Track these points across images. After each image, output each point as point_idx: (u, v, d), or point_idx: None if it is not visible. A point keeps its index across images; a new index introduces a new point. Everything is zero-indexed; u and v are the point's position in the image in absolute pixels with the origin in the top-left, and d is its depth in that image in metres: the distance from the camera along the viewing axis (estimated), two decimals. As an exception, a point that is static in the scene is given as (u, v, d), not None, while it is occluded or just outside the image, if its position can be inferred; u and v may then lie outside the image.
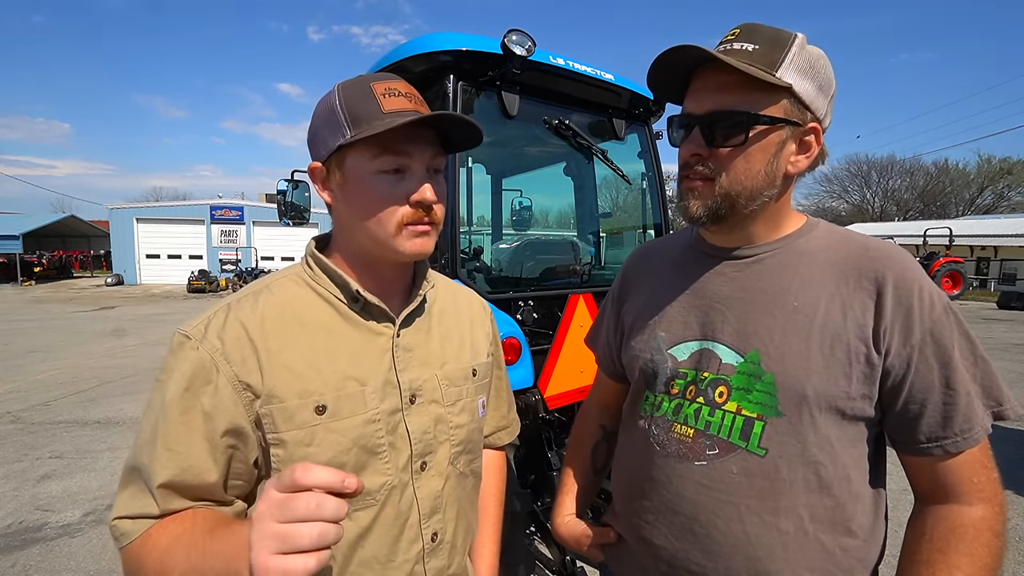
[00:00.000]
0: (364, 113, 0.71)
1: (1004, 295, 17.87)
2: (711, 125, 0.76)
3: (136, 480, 0.67)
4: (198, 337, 0.70)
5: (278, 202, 2.74)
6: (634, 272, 1.04)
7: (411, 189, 0.74)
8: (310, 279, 0.80)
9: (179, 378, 0.68)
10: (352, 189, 0.75)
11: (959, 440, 0.72)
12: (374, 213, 0.74)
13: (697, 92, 0.78)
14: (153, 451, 0.66)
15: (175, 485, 0.66)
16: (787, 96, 0.74)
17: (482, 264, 2.65)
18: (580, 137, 2.56)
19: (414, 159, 0.75)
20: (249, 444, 0.70)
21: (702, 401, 0.82)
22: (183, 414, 0.67)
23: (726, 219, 0.80)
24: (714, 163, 0.78)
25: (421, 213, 0.76)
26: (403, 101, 0.73)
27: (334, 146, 0.73)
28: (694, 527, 0.80)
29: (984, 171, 44.72)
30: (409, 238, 0.76)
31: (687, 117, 0.80)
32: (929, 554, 0.73)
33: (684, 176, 0.82)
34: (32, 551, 3.03)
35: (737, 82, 0.73)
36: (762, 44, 0.74)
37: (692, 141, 0.79)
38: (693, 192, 0.80)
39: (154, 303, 19.16)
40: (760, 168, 0.77)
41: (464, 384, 0.88)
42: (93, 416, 5.53)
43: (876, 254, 0.78)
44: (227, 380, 0.68)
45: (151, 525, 0.66)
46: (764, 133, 0.75)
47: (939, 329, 0.73)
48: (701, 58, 0.75)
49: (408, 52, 2.12)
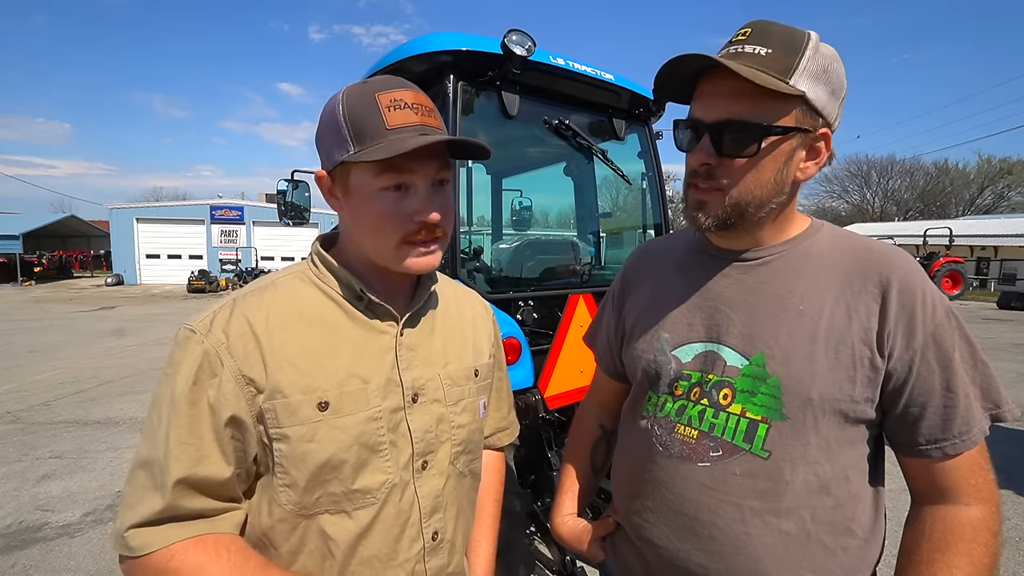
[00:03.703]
0: (367, 128, 0.71)
1: (1004, 295, 17.88)
2: (721, 134, 0.74)
3: (147, 475, 0.66)
4: (203, 331, 0.71)
5: (278, 202, 2.74)
6: (635, 272, 1.04)
7: (415, 207, 0.74)
8: (315, 277, 0.80)
9: (187, 371, 0.68)
10: (356, 203, 0.76)
11: (958, 442, 0.73)
12: (377, 229, 0.75)
13: (707, 97, 0.76)
14: (167, 444, 0.66)
15: (191, 480, 0.66)
16: (800, 104, 0.73)
17: (482, 264, 2.65)
18: (580, 137, 2.56)
19: (418, 175, 0.74)
20: (249, 438, 0.71)
21: (706, 403, 0.82)
22: (192, 407, 0.67)
23: (734, 227, 0.79)
24: (723, 173, 0.76)
25: (426, 233, 0.76)
26: (409, 114, 0.72)
27: (338, 159, 0.73)
28: (696, 528, 0.80)
29: (984, 171, 44.77)
30: (414, 256, 0.77)
31: (696, 123, 0.77)
32: (928, 553, 0.73)
33: (692, 185, 0.80)
34: (32, 551, 3.03)
35: (749, 90, 0.70)
36: (775, 48, 0.72)
37: (701, 150, 0.76)
38: (702, 203, 0.79)
39: (154, 303, 19.15)
40: (770, 177, 0.76)
41: (466, 384, 0.88)
42: (93, 416, 5.53)
43: (880, 257, 0.78)
44: (231, 374, 0.69)
45: (164, 543, 0.64)
46: (776, 144, 0.74)
47: (941, 333, 0.73)
48: (710, 62, 0.73)
49: (408, 52, 2.12)
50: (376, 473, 0.75)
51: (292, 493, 0.72)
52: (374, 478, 0.75)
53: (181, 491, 0.65)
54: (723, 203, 0.77)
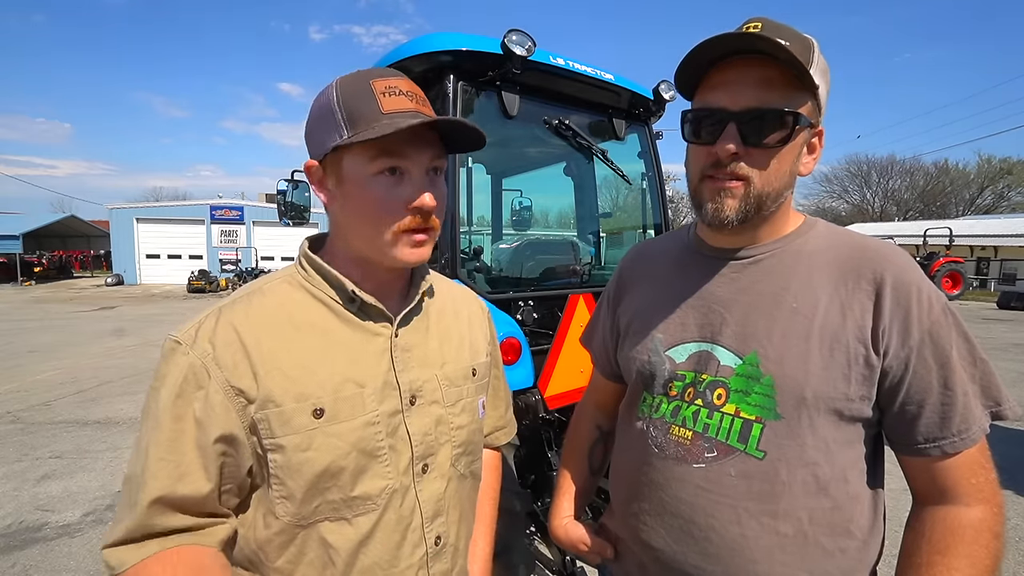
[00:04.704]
0: (362, 113, 0.69)
1: (1004, 295, 17.88)
2: (750, 123, 0.72)
3: (128, 492, 0.65)
4: (188, 342, 0.68)
5: (278, 202, 2.74)
6: (630, 273, 1.03)
7: (409, 194, 0.72)
8: (304, 280, 0.78)
9: (171, 385, 0.66)
10: (349, 191, 0.73)
11: (957, 440, 0.72)
12: (371, 217, 0.73)
13: (730, 85, 0.73)
14: (146, 460, 0.64)
15: (168, 499, 0.63)
16: (811, 98, 0.73)
17: (482, 264, 2.65)
18: (580, 137, 2.56)
19: (413, 161, 0.73)
20: (242, 452, 0.68)
21: (700, 403, 0.81)
22: (175, 421, 0.65)
23: (750, 220, 0.78)
24: (749, 162, 0.74)
25: (419, 220, 0.74)
26: (403, 100, 0.71)
27: (330, 146, 0.71)
28: (692, 530, 0.79)
29: (984, 171, 44.75)
30: (406, 246, 0.74)
31: (720, 112, 0.74)
32: (928, 556, 0.73)
33: (714, 176, 0.76)
34: (32, 551, 3.03)
35: (780, 77, 0.69)
36: (792, 41, 0.71)
37: (728, 138, 0.73)
38: (728, 192, 0.76)
39: (154, 303, 19.14)
40: (787, 168, 0.76)
41: (464, 384, 0.87)
42: (93, 416, 5.53)
43: (874, 254, 0.77)
44: (219, 386, 0.67)
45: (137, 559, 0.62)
46: (798, 133, 0.74)
47: (937, 330, 0.72)
48: (735, 48, 0.70)
49: (408, 52, 2.12)
50: (376, 479, 0.74)
51: (290, 504, 0.70)
52: (374, 484, 0.74)
53: (156, 510, 0.63)
54: (748, 193, 0.75)
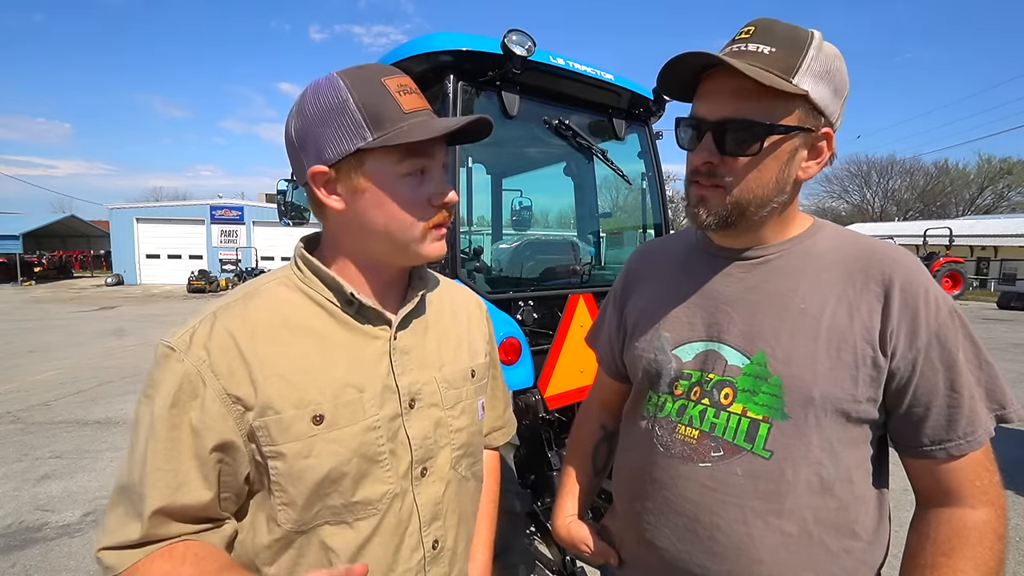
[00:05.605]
0: (385, 113, 0.68)
1: (1004, 295, 17.88)
2: (724, 133, 0.74)
3: (125, 502, 0.64)
4: (182, 349, 0.66)
5: (278, 202, 2.74)
6: (637, 271, 1.03)
7: (433, 191, 0.74)
8: (300, 282, 0.76)
9: (165, 393, 0.65)
10: (374, 193, 0.71)
11: (962, 443, 0.72)
12: (401, 218, 0.73)
13: (710, 95, 0.76)
14: (143, 470, 0.63)
15: (168, 510, 0.63)
16: (803, 103, 0.73)
17: (482, 264, 2.65)
18: (580, 137, 2.56)
19: (435, 159, 0.74)
20: (240, 459, 0.68)
21: (707, 403, 0.81)
22: (171, 431, 0.64)
23: (735, 225, 0.79)
24: (726, 171, 0.76)
25: (446, 215, 0.76)
26: (417, 99, 0.72)
27: (351, 148, 0.68)
28: (697, 529, 0.79)
29: (984, 171, 44.78)
30: (433, 241, 0.76)
31: (698, 121, 0.77)
32: (933, 558, 0.73)
33: (694, 182, 0.80)
34: (32, 551, 3.03)
35: (752, 88, 0.70)
36: (779, 47, 0.71)
37: (704, 148, 0.76)
38: (703, 200, 0.79)
39: (154, 303, 19.14)
40: (772, 176, 0.76)
41: (463, 386, 0.87)
42: (93, 416, 5.53)
43: (883, 257, 0.77)
44: (215, 394, 0.65)
45: (139, 557, 0.63)
46: (778, 143, 0.74)
47: (944, 332, 0.72)
48: (715, 60, 0.72)
49: (408, 52, 2.11)
50: (377, 484, 0.73)
51: (291, 511, 0.69)
52: (375, 489, 0.73)
53: (158, 520, 0.63)
54: (724, 201, 0.77)
